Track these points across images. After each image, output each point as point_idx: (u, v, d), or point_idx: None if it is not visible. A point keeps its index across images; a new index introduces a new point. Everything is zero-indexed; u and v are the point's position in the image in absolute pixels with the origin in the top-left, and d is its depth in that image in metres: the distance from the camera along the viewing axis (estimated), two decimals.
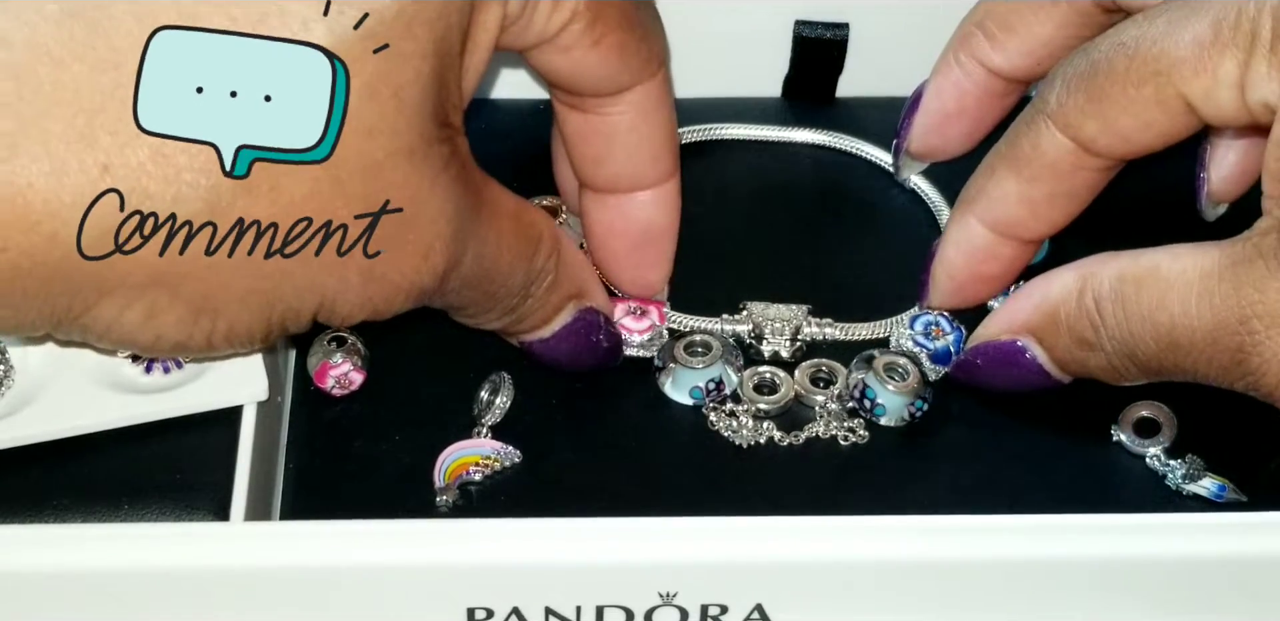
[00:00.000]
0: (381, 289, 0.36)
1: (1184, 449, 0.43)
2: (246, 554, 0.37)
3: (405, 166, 0.35)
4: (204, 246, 0.33)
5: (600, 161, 0.42)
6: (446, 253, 0.37)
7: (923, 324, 0.44)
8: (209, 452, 0.41)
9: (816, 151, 0.52)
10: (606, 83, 0.40)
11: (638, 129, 0.42)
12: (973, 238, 0.44)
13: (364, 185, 0.34)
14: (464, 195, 0.37)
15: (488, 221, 0.38)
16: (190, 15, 0.32)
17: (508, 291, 0.40)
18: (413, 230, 0.35)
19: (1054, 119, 0.40)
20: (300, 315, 0.36)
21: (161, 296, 0.34)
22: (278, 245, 0.34)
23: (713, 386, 0.43)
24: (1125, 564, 0.38)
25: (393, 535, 0.37)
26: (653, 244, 0.44)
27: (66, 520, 0.40)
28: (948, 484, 0.43)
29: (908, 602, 0.39)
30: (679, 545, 0.37)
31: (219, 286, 0.34)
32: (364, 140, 0.34)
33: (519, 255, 0.40)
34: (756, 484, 0.43)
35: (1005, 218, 0.43)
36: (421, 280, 0.37)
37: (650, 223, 0.44)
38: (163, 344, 0.35)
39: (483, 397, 0.43)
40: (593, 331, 0.43)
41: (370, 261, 0.35)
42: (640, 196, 0.43)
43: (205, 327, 0.35)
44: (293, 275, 0.35)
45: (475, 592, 0.38)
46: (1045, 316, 0.41)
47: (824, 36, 0.52)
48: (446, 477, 0.42)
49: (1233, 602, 0.39)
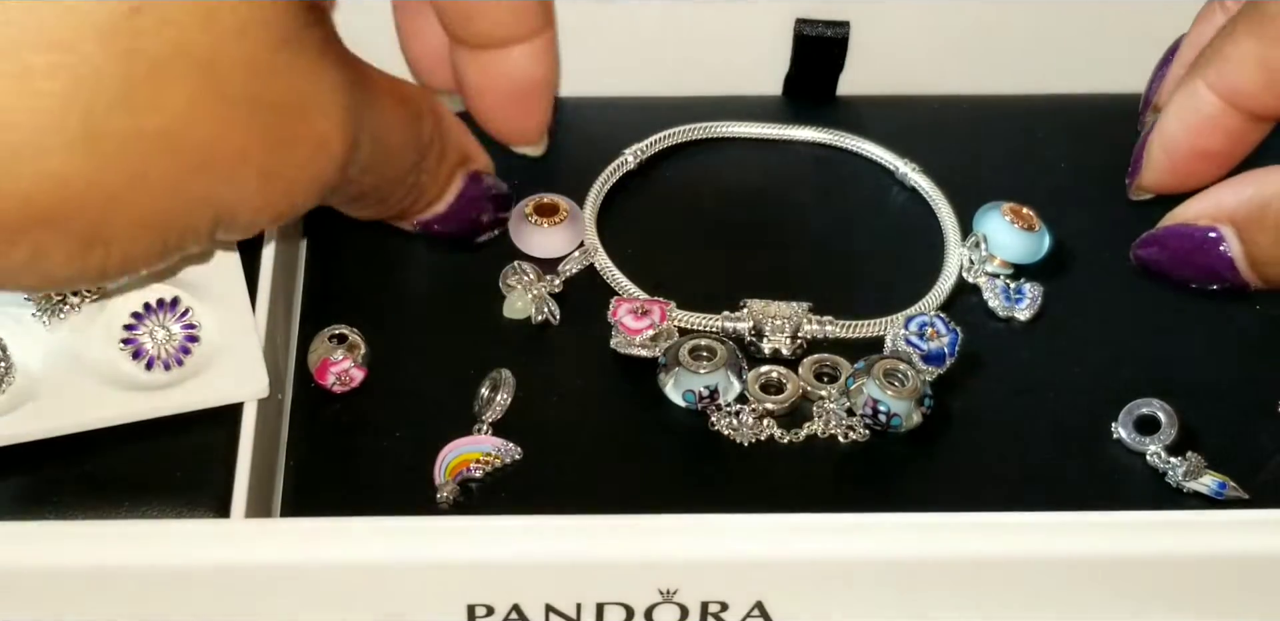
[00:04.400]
0: (280, 187, 0.34)
1: (1184, 446, 0.43)
2: (247, 551, 0.37)
3: (286, 56, 0.33)
4: (87, 173, 0.31)
5: (470, 15, 0.41)
6: (343, 139, 0.35)
7: (917, 325, 0.44)
8: (209, 449, 0.41)
9: (817, 150, 0.52)
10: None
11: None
12: (1200, 106, 0.41)
13: (247, 85, 0.32)
14: (347, 78, 0.35)
15: (372, 101, 0.36)
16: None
17: (403, 171, 0.39)
18: (304, 122, 0.34)
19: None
20: (199, 231, 0.34)
21: (46, 232, 0.32)
22: (166, 162, 0.32)
23: (707, 392, 0.43)
24: (1125, 562, 0.38)
25: (393, 532, 0.37)
26: (530, 95, 0.43)
27: (66, 517, 0.40)
28: (947, 481, 0.43)
29: (908, 600, 0.39)
30: (679, 542, 0.37)
31: (109, 212, 0.32)
32: (239, 36, 0.32)
33: (407, 129, 0.38)
34: (756, 481, 0.43)
35: (1239, 83, 0.40)
36: (322, 172, 0.35)
37: (526, 76, 0.43)
38: (50, 282, 0.34)
39: (483, 394, 0.43)
40: (485, 193, 0.42)
41: (265, 162, 0.34)
42: (514, 50, 0.42)
43: (97, 259, 0.33)
44: (186, 189, 0.33)
45: (476, 589, 0.38)
46: (1256, 208, 0.39)
47: (824, 35, 0.52)
48: (447, 474, 0.42)
49: (1234, 601, 0.39)
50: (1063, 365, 0.45)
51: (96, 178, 0.31)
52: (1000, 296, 0.47)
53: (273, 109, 0.33)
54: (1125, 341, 0.46)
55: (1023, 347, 0.46)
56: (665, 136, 0.51)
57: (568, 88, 0.52)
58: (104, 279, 0.34)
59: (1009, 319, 0.47)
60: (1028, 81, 0.54)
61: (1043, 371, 0.45)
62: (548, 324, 0.46)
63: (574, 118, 0.51)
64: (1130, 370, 0.45)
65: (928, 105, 0.54)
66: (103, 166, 0.31)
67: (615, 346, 0.45)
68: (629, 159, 0.50)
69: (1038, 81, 0.54)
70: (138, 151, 0.32)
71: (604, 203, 0.49)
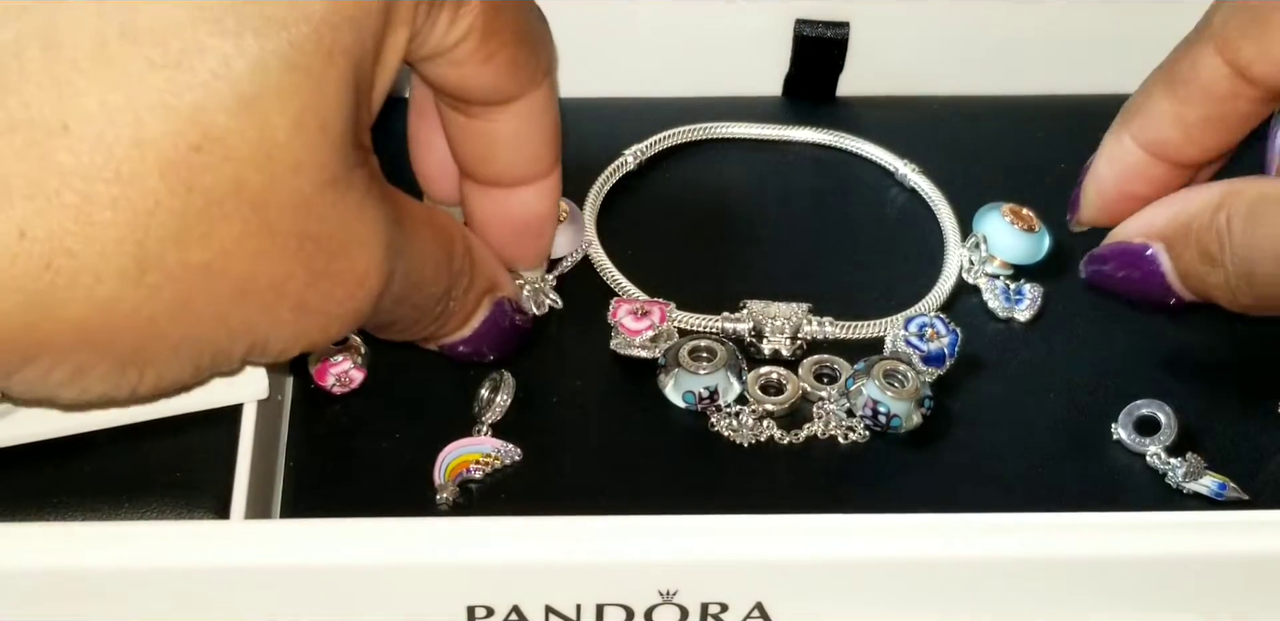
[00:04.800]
0: (317, 321, 0.35)
1: (1184, 447, 0.43)
2: (246, 552, 0.36)
3: (332, 197, 0.34)
4: (135, 301, 0.32)
5: (483, 160, 0.42)
6: (381, 275, 0.36)
7: (917, 326, 0.44)
8: (209, 451, 0.41)
9: (817, 150, 0.52)
10: (494, 94, 0.39)
11: (521, 133, 0.41)
12: (1125, 155, 0.43)
13: (294, 222, 0.33)
14: (388, 215, 0.36)
15: (409, 235, 0.37)
16: (106, 60, 0.31)
17: (434, 300, 0.40)
18: (345, 258, 0.35)
19: (1213, 40, 0.39)
20: (232, 357, 0.35)
21: (90, 354, 0.33)
22: (210, 292, 0.33)
23: (707, 394, 0.43)
24: (1125, 563, 0.38)
25: (393, 533, 0.37)
26: (534, 230, 0.44)
27: (67, 518, 0.40)
28: (947, 482, 0.43)
29: (907, 601, 0.39)
30: (679, 543, 0.37)
31: (150, 338, 0.33)
32: (293, 176, 0.33)
33: (440, 262, 0.39)
34: (756, 482, 0.43)
35: (1158, 137, 0.42)
36: (358, 306, 0.36)
37: (531, 214, 0.43)
38: (87, 398, 0.34)
39: (483, 396, 0.43)
40: (508, 318, 0.43)
41: (304, 296, 0.34)
42: (522, 191, 0.43)
43: (132, 379, 0.34)
44: (225, 319, 0.33)
45: (475, 591, 0.38)
46: (1180, 225, 0.41)
47: (824, 35, 0.52)
48: (447, 475, 0.42)
49: (1234, 601, 0.39)
50: (1063, 365, 0.45)
51: (142, 305, 0.32)
52: (1000, 297, 0.47)
53: (316, 245, 0.34)
54: (1125, 341, 0.46)
55: (1023, 348, 0.46)
56: (665, 137, 0.51)
57: (568, 88, 0.52)
58: (135, 397, 0.35)
59: (1009, 319, 0.47)
60: (1028, 81, 0.54)
61: (1043, 372, 0.45)
62: (549, 319, 0.46)
63: (574, 118, 0.51)
64: (1130, 370, 0.45)
65: (928, 105, 0.54)
66: (149, 295, 0.32)
67: (615, 347, 0.45)
68: (629, 159, 0.50)
69: (1038, 81, 0.54)
70: (184, 282, 0.32)
71: (604, 203, 0.49)
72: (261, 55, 0.32)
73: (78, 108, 0.31)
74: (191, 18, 0.31)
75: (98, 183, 0.31)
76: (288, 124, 0.32)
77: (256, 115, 0.32)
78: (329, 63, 0.33)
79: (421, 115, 0.43)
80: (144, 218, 0.31)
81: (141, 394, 0.35)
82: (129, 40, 0.31)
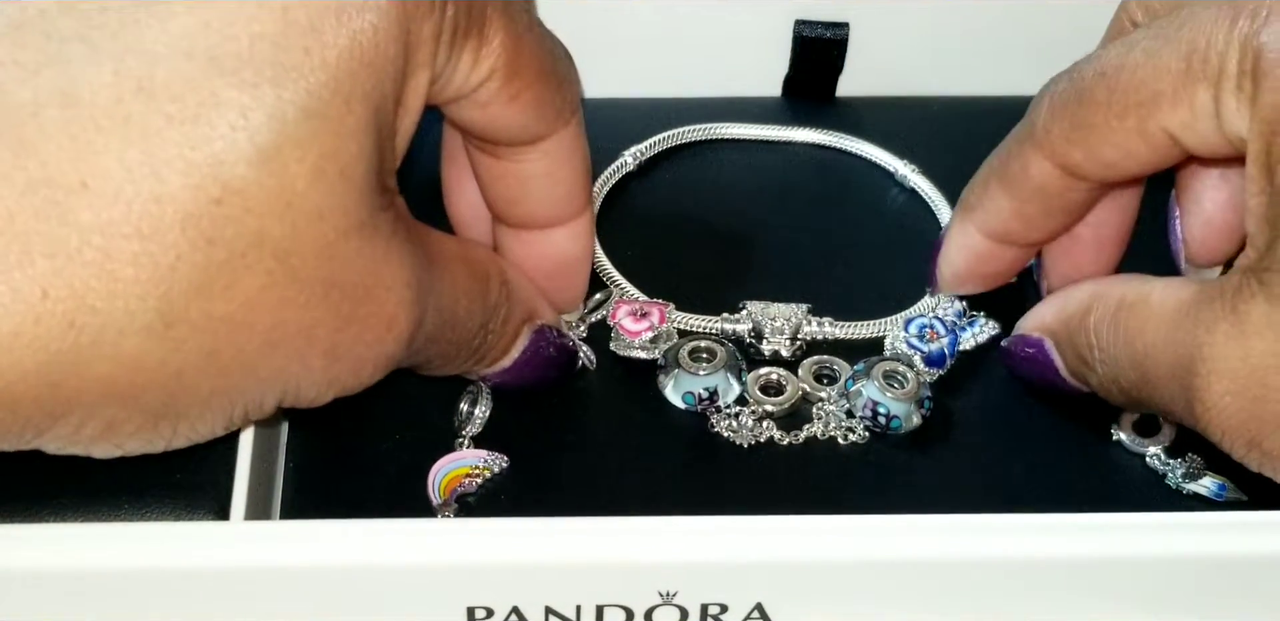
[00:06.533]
0: (348, 366, 0.35)
1: (1184, 448, 0.43)
2: (246, 554, 0.36)
3: (357, 242, 0.34)
4: (161, 356, 0.32)
5: (515, 202, 0.42)
6: (410, 318, 0.36)
7: (917, 327, 0.44)
8: (209, 452, 0.41)
9: (816, 151, 0.52)
10: (521, 134, 0.39)
11: (552, 174, 0.41)
12: (973, 244, 0.44)
13: (319, 269, 0.33)
14: (416, 256, 0.36)
15: (440, 274, 0.37)
16: (124, 117, 0.31)
17: (469, 335, 0.40)
18: (373, 303, 0.35)
19: (1040, 147, 0.40)
20: (264, 406, 0.35)
21: (119, 410, 0.33)
22: (237, 343, 0.33)
23: (706, 394, 0.43)
24: (1125, 563, 0.38)
25: (392, 534, 0.37)
26: (569, 271, 0.44)
27: (66, 520, 0.40)
28: (948, 483, 0.43)
29: (907, 602, 0.39)
30: (679, 544, 0.37)
31: (179, 391, 0.33)
32: (315, 224, 0.33)
33: (474, 297, 0.39)
34: (756, 483, 0.43)
35: (1001, 228, 0.43)
36: (389, 350, 0.36)
37: (565, 255, 0.43)
38: (121, 451, 0.34)
39: (462, 409, 0.43)
40: (549, 347, 0.42)
41: (333, 342, 0.34)
42: (555, 232, 0.42)
43: (166, 431, 0.34)
44: (254, 369, 0.33)
45: (475, 592, 0.38)
46: (1061, 325, 0.42)
47: (824, 36, 0.52)
48: (442, 493, 0.42)
49: (1233, 602, 0.39)
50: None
51: (168, 359, 0.32)
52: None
53: (342, 292, 0.34)
54: None
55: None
56: (665, 138, 0.51)
57: None
58: (169, 448, 0.35)
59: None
60: (1028, 82, 0.54)
61: None
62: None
63: None
64: None
65: (927, 106, 0.54)
66: (176, 349, 0.32)
67: (614, 348, 0.45)
68: (629, 160, 0.50)
69: (1037, 82, 0.53)
70: (210, 334, 0.32)
71: (604, 204, 0.49)
72: (279, 105, 0.32)
73: (96, 165, 0.31)
74: (208, 71, 0.31)
75: (118, 239, 0.31)
76: (307, 172, 0.32)
77: (275, 165, 0.32)
78: (347, 109, 0.33)
79: (453, 161, 0.43)
80: (166, 272, 0.31)
81: (176, 444, 0.35)
82: (146, 96, 0.31)
